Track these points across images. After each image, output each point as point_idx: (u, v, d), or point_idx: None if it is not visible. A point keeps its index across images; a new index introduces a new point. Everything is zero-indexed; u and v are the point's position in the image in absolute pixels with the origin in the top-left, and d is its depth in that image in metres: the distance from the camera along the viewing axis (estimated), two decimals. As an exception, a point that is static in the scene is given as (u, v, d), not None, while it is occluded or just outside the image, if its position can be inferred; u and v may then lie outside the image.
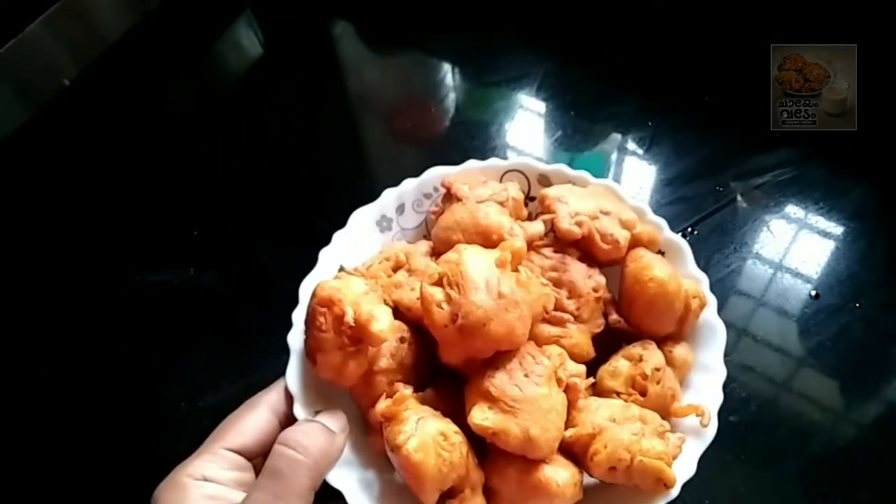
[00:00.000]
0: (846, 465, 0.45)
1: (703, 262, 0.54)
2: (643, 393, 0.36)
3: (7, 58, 0.65)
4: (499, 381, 0.33)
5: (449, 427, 0.33)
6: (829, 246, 0.56)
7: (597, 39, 0.72)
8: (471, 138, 0.52)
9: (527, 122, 0.67)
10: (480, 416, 0.32)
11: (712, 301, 0.40)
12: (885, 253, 0.54)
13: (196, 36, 0.77)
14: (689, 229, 0.56)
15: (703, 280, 0.40)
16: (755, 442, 0.46)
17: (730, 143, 0.62)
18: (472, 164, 0.45)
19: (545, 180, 0.45)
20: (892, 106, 0.62)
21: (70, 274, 0.58)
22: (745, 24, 0.68)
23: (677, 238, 0.42)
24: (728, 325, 0.51)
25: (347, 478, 0.34)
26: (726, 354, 0.49)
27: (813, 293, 0.53)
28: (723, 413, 0.46)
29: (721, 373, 0.38)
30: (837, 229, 0.57)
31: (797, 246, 0.56)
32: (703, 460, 0.45)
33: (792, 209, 0.58)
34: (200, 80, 0.76)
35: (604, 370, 0.38)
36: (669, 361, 0.38)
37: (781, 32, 0.62)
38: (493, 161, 0.45)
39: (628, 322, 0.40)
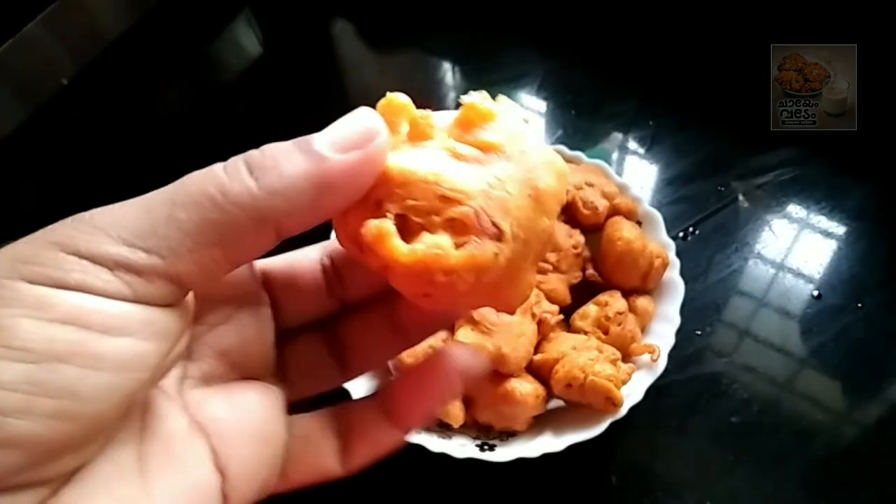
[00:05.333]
0: (849, 466, 0.45)
1: (705, 263, 0.54)
2: (605, 332, 0.44)
3: (5, 57, 0.65)
4: (482, 310, 0.39)
5: (437, 343, 0.40)
6: (830, 246, 0.56)
7: (597, 39, 0.72)
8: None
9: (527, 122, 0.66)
10: (464, 334, 0.40)
11: (675, 262, 0.46)
12: (887, 253, 0.54)
13: (195, 35, 0.77)
14: (691, 229, 0.56)
15: (670, 246, 0.47)
16: (757, 443, 0.46)
17: (731, 143, 0.62)
18: None
19: None
20: (892, 106, 0.62)
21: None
22: (745, 24, 0.68)
23: (653, 211, 0.48)
24: (730, 325, 0.51)
25: (356, 383, 0.41)
26: (727, 355, 0.49)
27: (815, 293, 0.53)
28: (724, 414, 0.47)
29: (676, 321, 0.44)
30: (839, 229, 0.56)
31: (799, 246, 0.55)
32: (705, 460, 0.46)
33: (793, 209, 0.58)
34: (199, 80, 0.76)
35: (576, 313, 0.45)
36: (633, 309, 0.45)
37: (781, 32, 0.62)
38: None
39: (601, 276, 0.47)
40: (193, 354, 0.21)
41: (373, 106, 0.21)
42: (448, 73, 0.72)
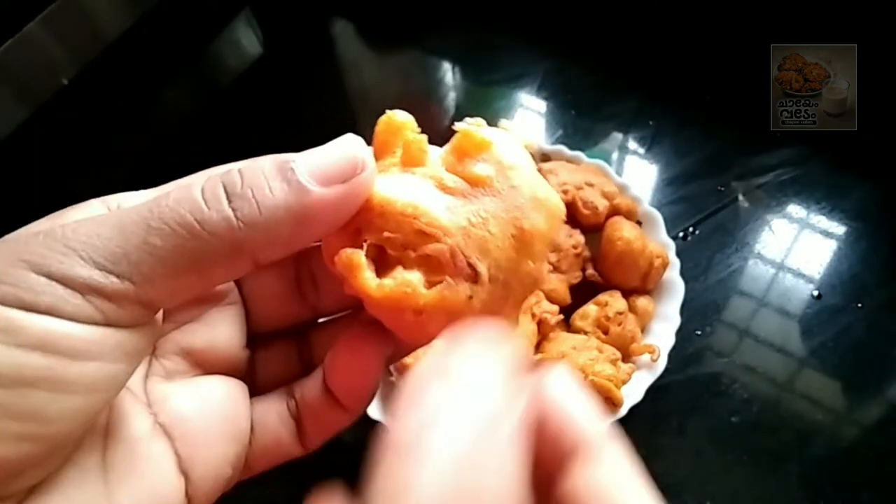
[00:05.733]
0: (848, 466, 0.45)
1: (705, 262, 0.54)
2: (605, 332, 0.44)
3: (5, 57, 0.65)
4: None
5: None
6: (830, 246, 0.55)
7: (597, 39, 0.72)
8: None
9: (528, 121, 0.66)
10: None
11: (675, 262, 0.46)
12: (887, 253, 0.54)
13: (195, 35, 0.77)
14: (691, 229, 0.56)
15: (670, 246, 0.47)
16: (757, 443, 0.46)
17: (731, 143, 0.62)
18: None
19: (546, 158, 0.51)
20: (892, 106, 0.62)
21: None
22: (745, 24, 0.68)
23: (653, 211, 0.48)
24: (730, 325, 0.51)
25: None
26: (727, 355, 0.50)
27: (815, 293, 0.53)
28: (724, 414, 0.47)
29: (676, 321, 0.44)
30: (839, 229, 0.56)
31: (799, 246, 0.55)
32: (705, 460, 0.46)
33: (794, 209, 0.58)
34: (199, 79, 0.76)
35: (576, 314, 0.45)
36: (633, 309, 0.45)
37: (781, 32, 0.62)
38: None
39: (601, 276, 0.47)
40: (158, 351, 0.21)
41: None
42: (448, 72, 0.72)
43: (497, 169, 0.19)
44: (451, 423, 0.14)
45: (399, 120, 0.20)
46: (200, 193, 0.17)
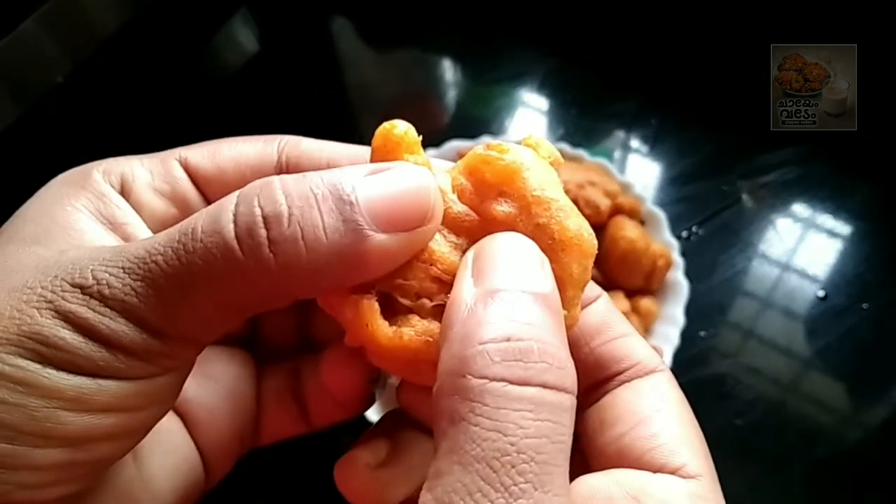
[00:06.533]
0: (853, 468, 0.45)
1: (709, 263, 0.54)
2: None
3: (0, 55, 0.64)
4: None
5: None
6: (835, 246, 0.55)
7: (599, 37, 0.72)
8: (472, 136, 0.52)
9: (529, 120, 0.66)
10: None
11: (679, 262, 0.46)
12: (891, 253, 0.54)
13: (192, 32, 0.76)
14: (695, 229, 0.56)
15: (674, 245, 0.47)
16: (761, 444, 0.45)
17: (733, 142, 0.62)
18: (485, 139, 0.53)
19: None
20: (892, 106, 0.62)
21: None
22: (745, 24, 0.68)
23: (657, 210, 0.48)
24: (734, 326, 0.51)
25: None
26: (732, 356, 0.49)
27: (820, 294, 0.52)
28: (729, 416, 0.46)
29: (680, 322, 0.44)
30: (844, 229, 0.56)
31: (803, 246, 0.55)
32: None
33: (798, 208, 0.58)
34: (196, 77, 0.75)
35: None
36: (636, 310, 0.45)
37: (781, 32, 0.62)
38: (503, 138, 0.52)
39: (604, 276, 0.46)
40: None
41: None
42: (448, 70, 0.72)
43: (520, 206, 0.17)
44: None
45: (397, 134, 0.18)
46: (233, 227, 0.15)
